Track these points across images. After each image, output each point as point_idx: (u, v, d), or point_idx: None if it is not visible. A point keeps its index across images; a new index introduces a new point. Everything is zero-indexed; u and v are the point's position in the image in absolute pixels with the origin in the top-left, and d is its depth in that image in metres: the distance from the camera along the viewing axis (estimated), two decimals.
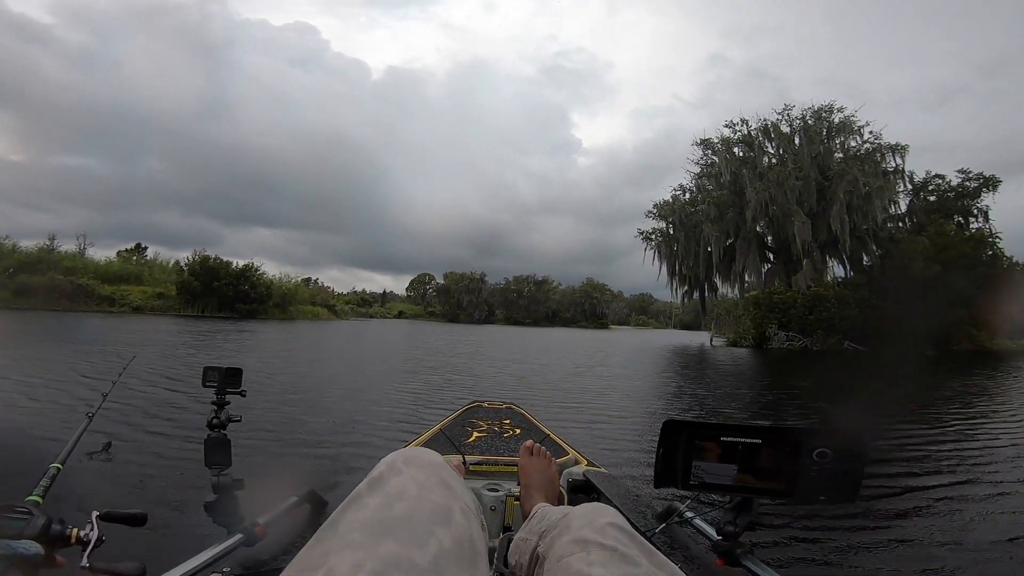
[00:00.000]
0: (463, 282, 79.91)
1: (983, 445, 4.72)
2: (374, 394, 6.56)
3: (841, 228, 23.69)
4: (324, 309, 47.89)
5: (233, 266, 40.02)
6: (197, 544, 1.32)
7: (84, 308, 30.94)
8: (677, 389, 9.15)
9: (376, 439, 4.03)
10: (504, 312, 79.05)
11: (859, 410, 4.42)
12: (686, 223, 28.74)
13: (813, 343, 22.84)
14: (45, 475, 1.08)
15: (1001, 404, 7.85)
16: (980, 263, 23.78)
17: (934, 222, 26.52)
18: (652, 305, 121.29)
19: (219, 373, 1.55)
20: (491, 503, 1.40)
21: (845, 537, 2.42)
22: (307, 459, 3.48)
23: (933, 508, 2.88)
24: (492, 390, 7.25)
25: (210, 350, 11.79)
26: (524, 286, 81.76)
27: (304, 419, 4.74)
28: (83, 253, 40.28)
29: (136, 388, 5.57)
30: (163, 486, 2.72)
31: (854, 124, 26.09)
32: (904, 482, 3.40)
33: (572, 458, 1.89)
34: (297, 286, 43.65)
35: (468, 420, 2.37)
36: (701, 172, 29.46)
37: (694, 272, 28.88)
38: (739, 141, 28.04)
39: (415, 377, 8.64)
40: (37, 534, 0.79)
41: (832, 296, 22.81)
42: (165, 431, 3.94)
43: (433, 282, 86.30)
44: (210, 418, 1.49)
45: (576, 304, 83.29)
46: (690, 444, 1.01)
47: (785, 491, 0.97)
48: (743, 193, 27.22)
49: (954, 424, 5.75)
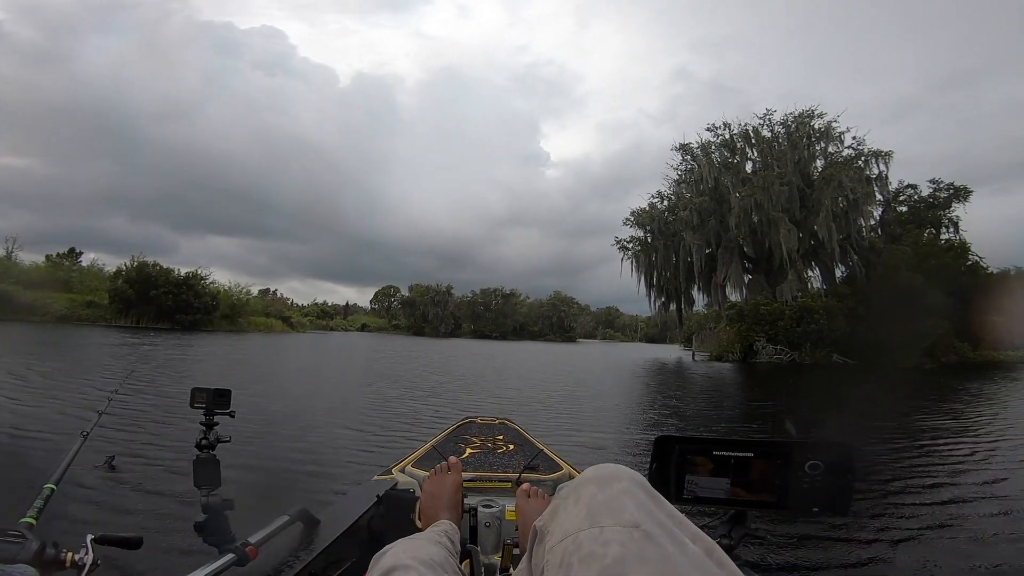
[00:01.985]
0: (429, 294, 78.29)
1: (974, 455, 4.92)
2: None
3: (829, 236, 22.75)
4: (279, 321, 44.81)
5: (175, 274, 36.57)
6: (190, 565, 1.23)
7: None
8: (691, 413, 8.40)
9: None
10: (471, 325, 77.63)
11: (869, 432, 5.03)
12: (665, 231, 27.48)
13: (802, 356, 21.66)
14: (39, 496, 1.08)
15: (993, 415, 7.91)
16: (960, 273, 23.43)
17: (908, 232, 26.27)
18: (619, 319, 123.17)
19: (207, 394, 1.48)
20: (486, 519, 1.37)
21: (838, 548, 2.56)
22: (290, 477, 3.50)
23: (923, 518, 3.07)
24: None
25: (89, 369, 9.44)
26: (491, 299, 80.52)
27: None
28: (10, 256, 36.44)
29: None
30: (154, 506, 2.78)
31: (835, 130, 25.48)
32: (895, 493, 3.53)
33: (566, 473, 1.84)
34: (247, 296, 40.22)
35: (461, 436, 2.32)
36: (681, 178, 28.31)
37: (674, 283, 27.59)
38: (722, 145, 27.06)
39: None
40: (31, 558, 0.78)
41: (820, 307, 21.72)
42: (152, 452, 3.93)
43: (398, 294, 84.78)
44: (199, 438, 1.41)
45: (544, 317, 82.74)
46: (682, 458, 1.00)
47: (778, 503, 0.97)
48: (724, 200, 26.22)
49: (947, 435, 5.96)
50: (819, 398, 11.76)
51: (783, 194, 23.16)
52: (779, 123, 26.41)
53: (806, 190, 24.69)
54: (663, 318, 32.10)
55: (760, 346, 22.12)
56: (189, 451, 1.38)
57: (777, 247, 23.81)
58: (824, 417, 7.84)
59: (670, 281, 27.81)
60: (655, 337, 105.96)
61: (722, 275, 25.12)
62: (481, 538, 1.36)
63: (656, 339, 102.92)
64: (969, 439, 5.83)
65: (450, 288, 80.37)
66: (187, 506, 2.66)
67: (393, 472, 1.88)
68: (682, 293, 28.69)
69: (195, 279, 36.52)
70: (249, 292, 40.80)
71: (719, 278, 25.36)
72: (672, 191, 28.50)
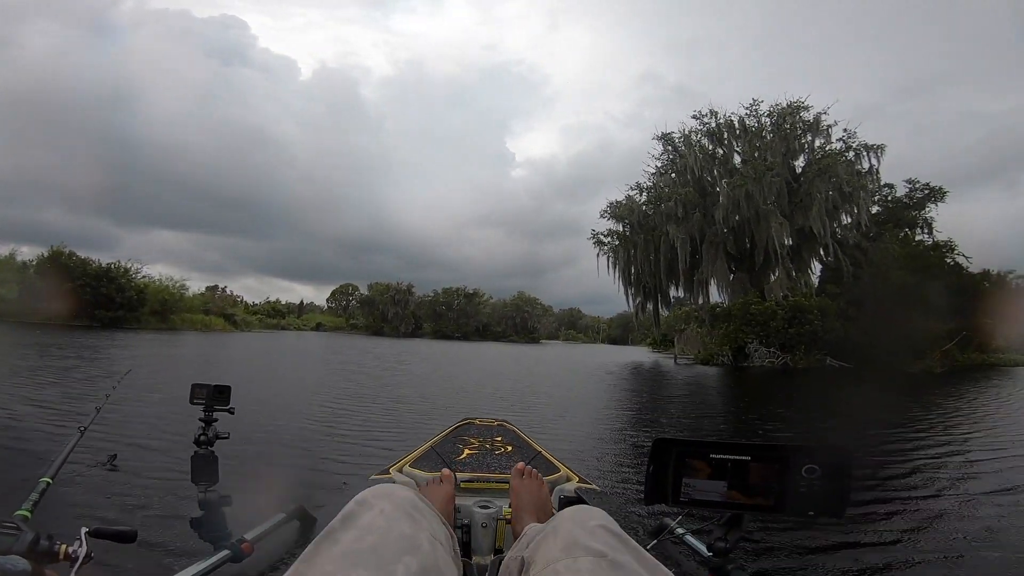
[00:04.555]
0: (389, 293, 74.71)
1: (974, 458, 4.79)
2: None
3: (823, 231, 21.37)
4: (219, 319, 40.60)
5: (94, 265, 32.13)
6: (185, 561, 1.26)
7: None
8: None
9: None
10: (432, 325, 74.65)
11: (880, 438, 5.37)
12: (644, 224, 25.64)
13: (797, 360, 20.11)
14: (35, 489, 1.06)
15: (985, 419, 7.73)
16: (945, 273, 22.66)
17: (887, 231, 25.52)
18: (580, 320, 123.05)
19: (207, 390, 1.50)
20: (483, 520, 1.35)
21: (834, 551, 2.47)
22: (294, 475, 3.46)
23: (920, 521, 2.97)
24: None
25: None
26: (454, 299, 77.71)
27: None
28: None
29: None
30: (152, 501, 2.73)
31: (824, 123, 24.27)
32: (891, 496, 3.47)
33: (564, 475, 1.87)
34: (181, 291, 35.95)
35: (459, 437, 2.29)
36: (662, 168, 26.50)
37: (653, 280, 25.77)
38: (707, 134, 25.43)
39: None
40: (25, 550, 0.77)
41: (815, 307, 20.23)
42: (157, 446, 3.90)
43: (357, 293, 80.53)
44: (198, 434, 1.42)
45: (507, 318, 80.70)
46: (680, 462, 0.99)
47: (774, 507, 0.96)
48: (707, 193, 24.61)
49: (948, 438, 5.81)
50: (839, 407, 10.16)
51: (775, 185, 21.64)
52: (765, 114, 25.09)
53: (793, 184, 23.41)
54: (640, 320, 30.26)
55: (752, 348, 20.44)
56: (188, 447, 1.33)
57: (763, 242, 22.38)
58: (858, 428, 6.92)
59: (649, 278, 26.03)
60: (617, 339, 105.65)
61: (707, 272, 23.46)
62: (477, 540, 1.32)
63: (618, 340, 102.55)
64: (977, 446, 5.61)
65: (411, 287, 77.07)
66: (184, 501, 2.52)
67: (390, 472, 1.81)
68: (662, 290, 27.02)
69: (118, 271, 32.17)
70: (184, 287, 36.54)
71: (704, 275, 23.70)
72: (652, 183, 26.71)
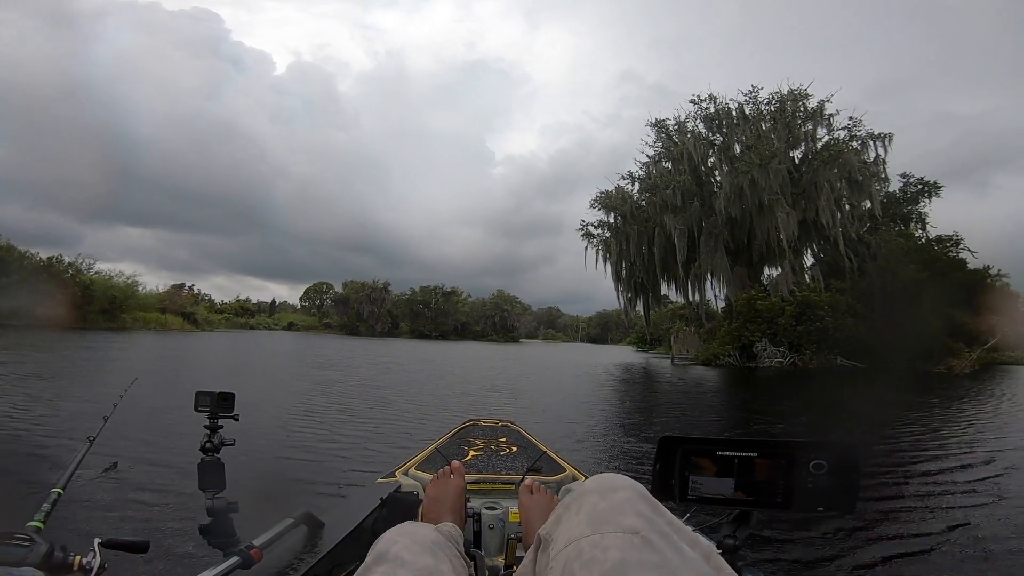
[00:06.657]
0: (364, 291, 71.89)
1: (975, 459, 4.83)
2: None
3: (832, 222, 20.06)
4: (178, 318, 37.60)
5: (32, 259, 29.02)
6: (195, 568, 1.19)
7: None
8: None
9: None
10: (409, 324, 72.11)
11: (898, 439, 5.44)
12: (637, 216, 24.03)
13: (808, 359, 18.74)
14: (46, 500, 1.07)
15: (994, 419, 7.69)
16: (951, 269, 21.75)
17: (884, 226, 24.63)
18: (559, 319, 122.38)
19: (211, 397, 1.41)
20: (489, 521, 1.37)
21: (843, 546, 2.50)
22: (301, 480, 3.55)
23: (927, 516, 3.05)
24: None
25: None
26: (431, 297, 75.27)
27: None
28: None
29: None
30: (160, 510, 2.81)
31: (826, 111, 23.04)
32: (899, 491, 3.53)
33: (570, 475, 1.85)
34: (133, 287, 32.87)
35: (464, 438, 2.27)
36: (657, 157, 24.92)
37: (646, 275, 24.20)
38: (706, 119, 23.94)
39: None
40: (39, 562, 0.78)
41: (824, 303, 18.90)
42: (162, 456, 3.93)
43: (331, 291, 77.34)
44: (203, 442, 1.35)
45: (486, 317, 78.80)
46: (686, 459, 0.99)
47: (783, 503, 0.94)
48: (704, 183, 23.16)
49: (952, 437, 5.89)
50: (896, 421, 8.78)
51: (780, 174, 20.26)
52: (764, 101, 23.77)
53: (794, 173, 22.14)
54: (629, 317, 28.74)
55: (761, 348, 18.98)
56: (195, 455, 1.27)
57: (764, 234, 21.04)
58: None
59: (642, 272, 24.47)
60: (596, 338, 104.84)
61: (706, 265, 21.99)
62: (485, 540, 1.34)
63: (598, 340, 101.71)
64: (991, 443, 5.57)
65: (387, 285, 74.45)
66: (193, 509, 2.55)
67: (396, 475, 1.83)
68: (650, 287, 25.52)
69: (59, 266, 29.13)
70: (136, 283, 33.43)
71: (701, 268, 22.21)
72: (645, 171, 25.13)
